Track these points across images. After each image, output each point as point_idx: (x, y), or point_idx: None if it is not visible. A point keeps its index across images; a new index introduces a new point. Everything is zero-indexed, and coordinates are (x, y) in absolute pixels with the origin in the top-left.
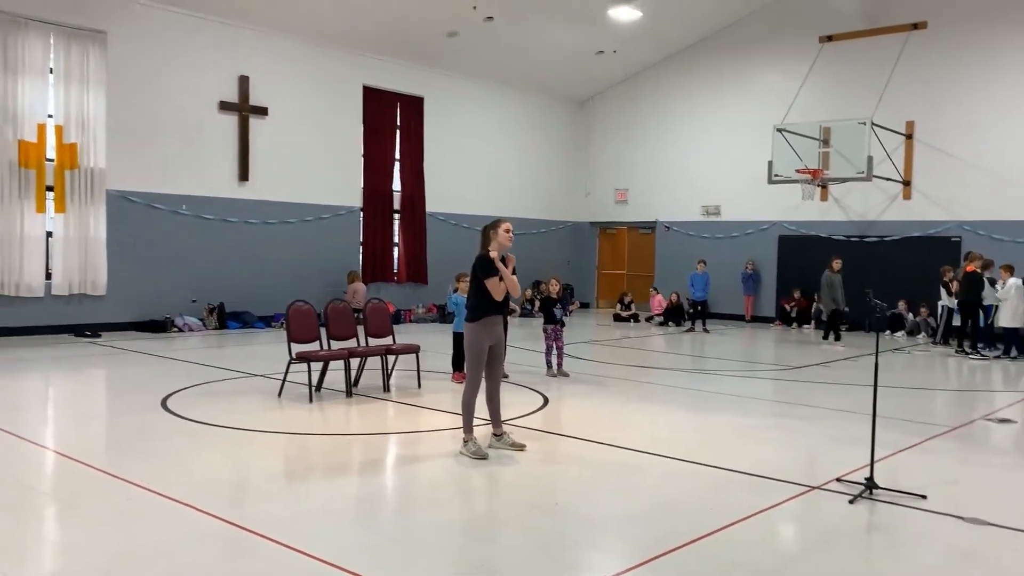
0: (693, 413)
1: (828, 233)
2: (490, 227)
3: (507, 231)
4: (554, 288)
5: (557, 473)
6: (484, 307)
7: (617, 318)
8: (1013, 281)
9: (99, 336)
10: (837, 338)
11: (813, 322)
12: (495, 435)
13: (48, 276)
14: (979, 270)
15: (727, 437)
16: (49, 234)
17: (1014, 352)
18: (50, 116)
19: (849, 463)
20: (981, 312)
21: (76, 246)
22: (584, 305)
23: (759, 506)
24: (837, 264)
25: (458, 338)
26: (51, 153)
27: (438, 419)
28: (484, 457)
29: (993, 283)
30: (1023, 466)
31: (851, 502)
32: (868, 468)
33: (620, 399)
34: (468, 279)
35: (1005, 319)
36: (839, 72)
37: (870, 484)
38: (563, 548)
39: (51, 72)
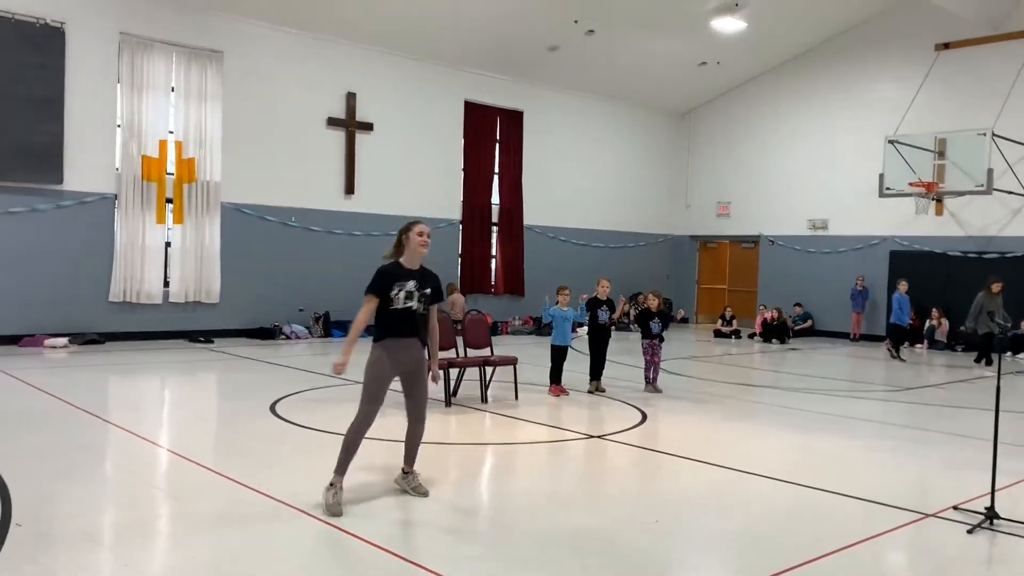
0: (797, 433)
1: (943, 249)
2: (403, 230)
3: (420, 234)
4: (653, 303)
5: (655, 490)
6: (387, 325)
7: (718, 334)
8: None
9: (212, 342)
10: (989, 363)
11: (926, 341)
12: (403, 471)
13: (166, 284)
14: None
15: (833, 459)
16: (167, 244)
17: None
18: (171, 132)
19: (966, 491)
20: None
21: (192, 256)
22: (683, 320)
23: (868, 533)
24: (997, 287)
25: (555, 351)
26: (171, 167)
27: (535, 431)
28: (337, 515)
29: None
30: None
31: (969, 532)
32: (988, 496)
33: (720, 417)
34: (567, 292)
35: None
36: (956, 81)
37: (990, 514)
38: (664, 568)
39: (172, 90)
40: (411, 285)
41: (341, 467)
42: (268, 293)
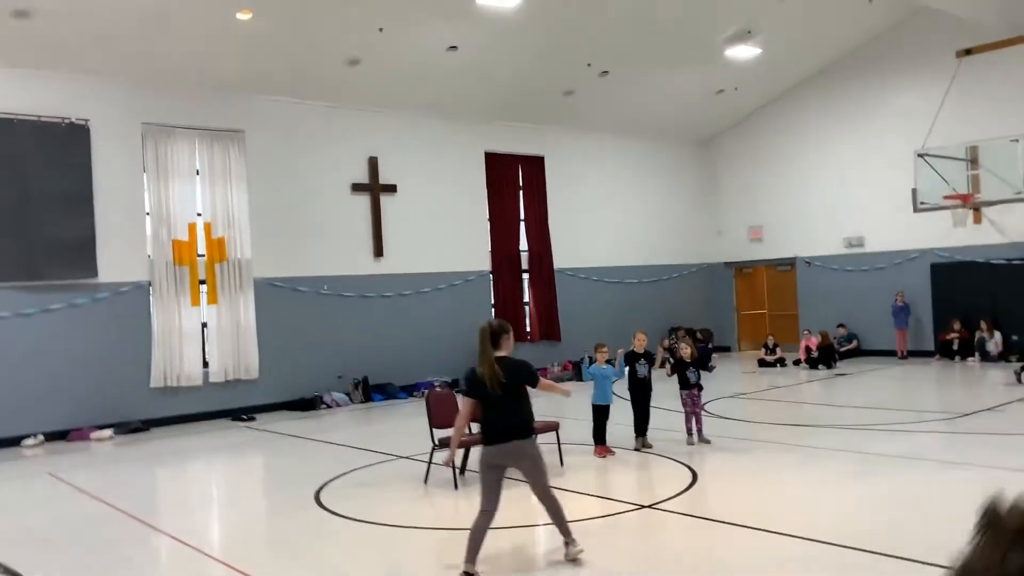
0: (855, 483)
1: (985, 257)
2: (501, 331)
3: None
4: (686, 351)
5: (717, 570)
6: (490, 427)
7: (762, 363)
8: None
9: (254, 419)
10: None
11: (978, 354)
12: (565, 543)
13: (205, 364)
14: None
15: (895, 514)
16: (204, 325)
17: None
18: (199, 214)
19: None
20: None
21: (229, 334)
22: (725, 349)
23: None
24: None
25: (597, 410)
26: (201, 248)
27: (584, 505)
28: None
29: None
30: None
31: None
32: None
33: (776, 469)
34: (605, 349)
35: None
36: (982, 87)
37: None
38: None
39: (197, 173)
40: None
41: (467, 556)
42: (306, 363)
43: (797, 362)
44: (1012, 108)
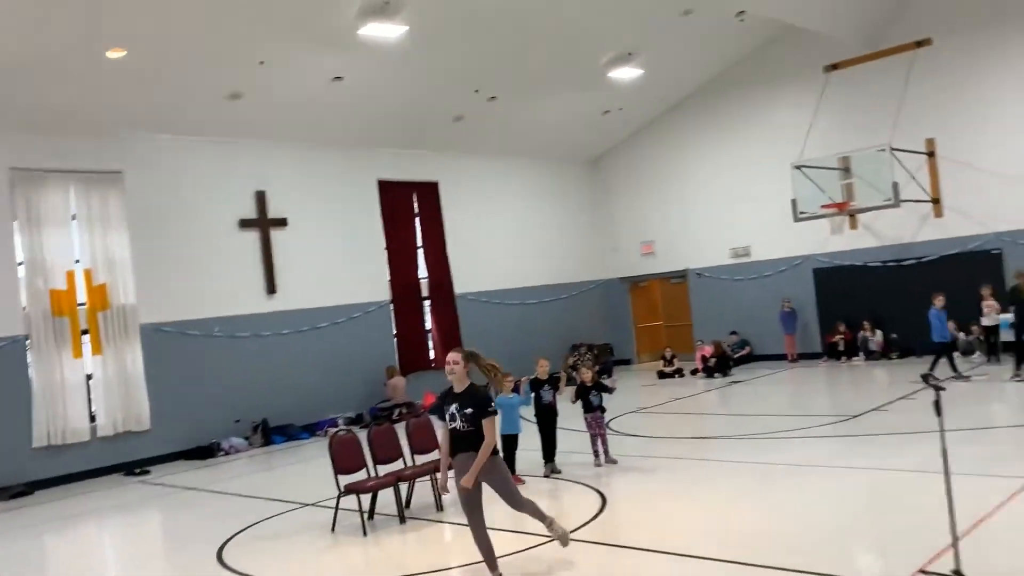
0: (754, 498)
1: (863, 261)
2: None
3: (447, 363)
4: (586, 376)
5: None
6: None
7: (661, 375)
8: None
9: (148, 472)
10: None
11: (862, 353)
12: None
13: (92, 419)
14: None
15: (791, 528)
16: (88, 376)
17: None
18: (77, 261)
19: (928, 545)
20: None
21: (116, 384)
22: (625, 361)
23: None
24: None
25: (505, 441)
26: (82, 297)
27: (501, 541)
28: None
29: None
30: None
31: None
32: (951, 553)
33: (682, 487)
34: (511, 379)
35: None
36: (850, 100)
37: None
38: None
39: (74, 218)
40: (454, 408)
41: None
42: (200, 409)
43: (695, 371)
44: (878, 118)
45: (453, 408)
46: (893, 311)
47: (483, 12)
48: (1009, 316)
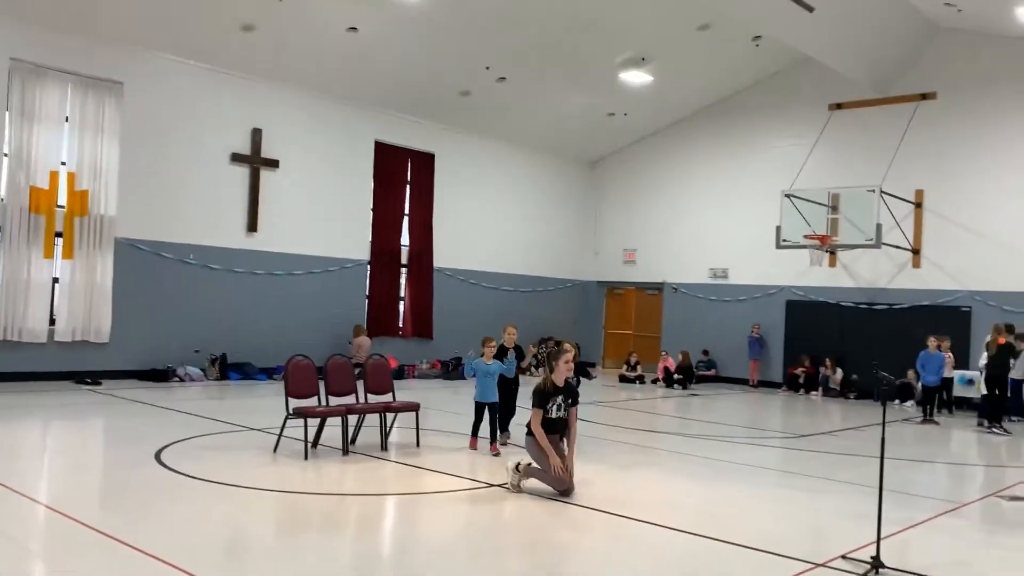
0: (697, 482)
1: (837, 299)
2: (552, 356)
3: (567, 362)
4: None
5: (560, 541)
6: (545, 427)
7: (623, 379)
8: None
9: (100, 384)
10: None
11: (821, 388)
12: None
13: (52, 322)
14: (1013, 342)
15: (731, 509)
16: (55, 280)
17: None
18: (63, 163)
19: (855, 539)
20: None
21: (82, 293)
22: (589, 364)
23: None
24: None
25: (479, 408)
26: (62, 199)
27: (435, 481)
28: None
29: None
30: None
31: None
32: (874, 545)
33: (625, 465)
34: (493, 344)
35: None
36: (848, 139)
37: (876, 563)
38: None
39: (67, 120)
40: (559, 399)
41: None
42: (162, 333)
43: (655, 380)
44: (873, 161)
45: (559, 400)
46: (857, 352)
47: None
48: (969, 373)
